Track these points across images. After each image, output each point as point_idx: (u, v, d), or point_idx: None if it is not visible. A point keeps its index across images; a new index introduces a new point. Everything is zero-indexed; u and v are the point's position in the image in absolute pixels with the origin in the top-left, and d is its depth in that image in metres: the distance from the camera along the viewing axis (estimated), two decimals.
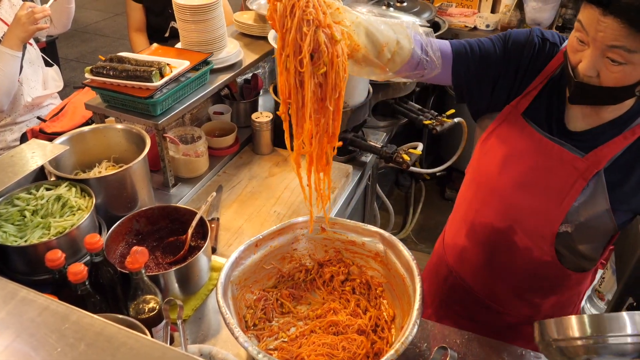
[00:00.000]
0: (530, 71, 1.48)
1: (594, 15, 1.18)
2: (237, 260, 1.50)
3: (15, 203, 1.63)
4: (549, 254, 1.50)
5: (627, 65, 1.19)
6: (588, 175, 1.38)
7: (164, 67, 2.02)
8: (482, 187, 1.63)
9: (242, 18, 2.80)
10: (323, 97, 1.19)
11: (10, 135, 2.65)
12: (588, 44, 1.23)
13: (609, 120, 1.38)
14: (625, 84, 1.23)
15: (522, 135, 1.48)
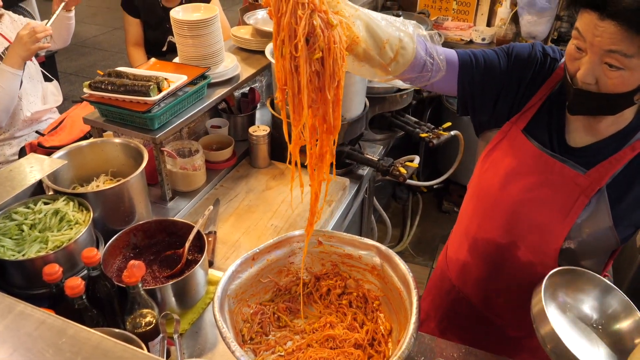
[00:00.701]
0: (532, 86, 1.49)
1: (592, 20, 1.20)
2: (234, 273, 1.50)
3: (13, 217, 1.64)
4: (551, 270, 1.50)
5: (625, 70, 1.20)
6: (590, 192, 1.38)
7: (161, 82, 2.04)
8: (484, 203, 1.64)
9: (239, 33, 2.83)
10: (322, 87, 1.18)
11: (9, 150, 2.66)
12: (586, 50, 1.25)
13: (609, 135, 1.39)
14: (624, 90, 1.24)
15: (523, 151, 1.49)
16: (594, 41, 1.20)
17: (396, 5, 4.33)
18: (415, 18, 3.79)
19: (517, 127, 1.51)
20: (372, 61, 1.30)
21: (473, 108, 1.57)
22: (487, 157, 1.59)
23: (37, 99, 2.79)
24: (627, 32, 1.15)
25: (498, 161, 1.56)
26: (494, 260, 1.65)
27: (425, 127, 3.00)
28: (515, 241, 1.55)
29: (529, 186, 1.48)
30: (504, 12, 3.95)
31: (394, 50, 1.30)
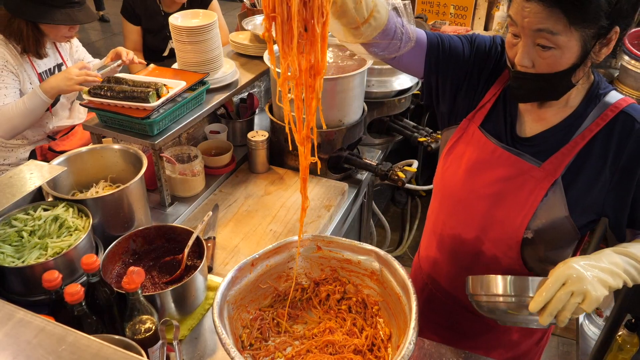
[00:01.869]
0: (490, 78, 1.54)
1: (520, 4, 1.25)
2: (233, 279, 1.51)
3: (13, 224, 1.64)
4: (517, 263, 1.52)
5: (555, 49, 1.25)
6: (546, 184, 1.42)
7: (160, 88, 2.04)
8: (448, 199, 1.67)
9: (237, 38, 2.84)
10: (309, 19, 1.14)
11: (23, 153, 2.67)
12: (520, 35, 1.30)
13: (556, 123, 1.43)
14: (558, 69, 1.29)
15: (481, 147, 1.53)
16: (524, 23, 1.25)
17: None
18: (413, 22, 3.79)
19: (474, 123, 1.55)
20: (346, 15, 1.26)
21: (437, 94, 1.61)
22: (448, 154, 1.63)
23: (65, 115, 2.82)
24: (550, 9, 1.20)
25: (458, 158, 1.59)
26: (460, 256, 1.68)
27: (423, 131, 3.01)
28: (479, 236, 1.58)
29: (488, 181, 1.52)
30: (501, 16, 3.97)
31: (369, 9, 1.28)
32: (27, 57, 2.53)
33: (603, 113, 1.38)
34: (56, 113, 2.73)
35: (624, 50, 3.20)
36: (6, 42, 2.46)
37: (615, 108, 1.37)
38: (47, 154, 2.53)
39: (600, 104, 1.39)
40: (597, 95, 1.40)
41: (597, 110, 1.39)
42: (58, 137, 2.67)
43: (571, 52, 1.25)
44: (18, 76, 2.49)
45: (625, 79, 3.27)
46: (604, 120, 1.37)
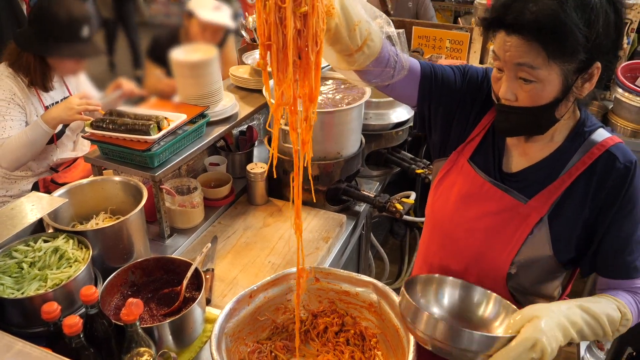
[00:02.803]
0: (482, 109, 1.56)
1: (502, 38, 1.29)
2: (231, 311, 1.51)
3: (14, 255, 1.65)
4: (504, 295, 1.52)
5: (537, 83, 1.28)
6: (531, 222, 1.43)
7: (161, 121, 2.07)
8: (438, 231, 1.68)
9: (237, 72, 2.88)
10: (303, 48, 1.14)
11: (26, 185, 2.69)
12: (503, 69, 1.33)
13: (541, 159, 1.45)
14: (541, 102, 1.31)
15: (469, 180, 1.55)
16: (505, 57, 1.29)
17: None
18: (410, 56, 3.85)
19: (463, 156, 1.58)
20: (340, 42, 1.28)
21: (429, 123, 1.63)
22: (438, 186, 1.65)
23: (69, 147, 2.85)
24: (530, 44, 1.23)
25: (447, 190, 1.61)
26: None
27: (421, 163, 3.04)
28: (467, 268, 1.59)
29: (475, 215, 1.53)
30: None
31: (363, 37, 1.29)
32: (35, 90, 2.57)
33: (589, 151, 1.40)
34: (61, 145, 2.76)
35: (617, 83, 3.24)
36: (15, 76, 2.50)
37: (602, 147, 1.39)
38: (49, 186, 2.55)
39: (586, 142, 1.41)
40: (582, 133, 1.42)
41: (583, 148, 1.41)
42: (60, 170, 2.69)
43: (552, 85, 1.28)
44: (25, 109, 2.53)
45: (619, 111, 3.32)
46: (590, 158, 1.39)
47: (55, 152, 2.73)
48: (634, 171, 1.37)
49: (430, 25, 4.40)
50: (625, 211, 1.38)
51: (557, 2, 1.20)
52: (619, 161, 1.36)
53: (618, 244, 1.41)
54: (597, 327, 1.31)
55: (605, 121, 3.42)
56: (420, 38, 4.39)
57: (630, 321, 1.38)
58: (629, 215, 1.39)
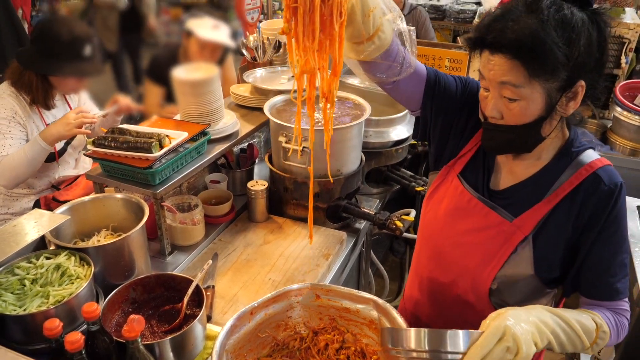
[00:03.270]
0: (477, 124, 1.57)
1: (486, 57, 1.33)
2: (232, 328, 1.51)
3: (16, 272, 1.66)
4: (488, 309, 1.50)
5: (520, 101, 1.31)
6: (515, 240, 1.45)
7: (163, 139, 2.09)
8: (427, 243, 1.71)
9: (238, 90, 2.91)
10: (327, 15, 1.14)
11: (27, 203, 2.71)
12: (489, 88, 1.36)
13: (528, 177, 1.47)
14: (525, 120, 1.34)
15: (458, 195, 1.58)
16: (490, 75, 1.32)
17: None
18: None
19: (454, 171, 1.61)
20: (352, 25, 1.28)
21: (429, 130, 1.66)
22: (429, 199, 1.68)
23: (71, 166, 2.87)
24: (511, 62, 1.27)
25: (437, 203, 1.64)
26: (439, 298, 1.71)
27: (420, 180, 3.05)
28: (454, 280, 1.61)
29: (462, 230, 1.56)
30: None
31: (376, 25, 1.30)
32: (37, 109, 2.60)
33: (577, 172, 1.41)
34: (63, 163, 2.78)
35: (616, 102, 3.27)
36: (17, 94, 2.53)
37: (590, 168, 1.40)
38: (50, 204, 2.56)
39: (574, 163, 1.43)
40: (570, 153, 1.44)
41: (571, 169, 1.43)
42: (62, 187, 2.70)
43: (536, 103, 1.31)
44: (26, 127, 2.55)
45: (618, 130, 3.34)
46: (577, 179, 1.40)
47: (57, 169, 2.75)
48: (618, 194, 1.38)
49: (429, 44, 4.44)
50: (608, 232, 1.39)
51: (537, 21, 1.24)
52: (604, 183, 1.38)
53: (600, 266, 1.42)
54: (572, 333, 1.30)
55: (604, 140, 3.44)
56: (419, 57, 4.40)
57: (608, 334, 1.37)
58: (612, 236, 1.40)
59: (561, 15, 1.25)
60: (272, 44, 3.15)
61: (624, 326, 1.43)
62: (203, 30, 2.81)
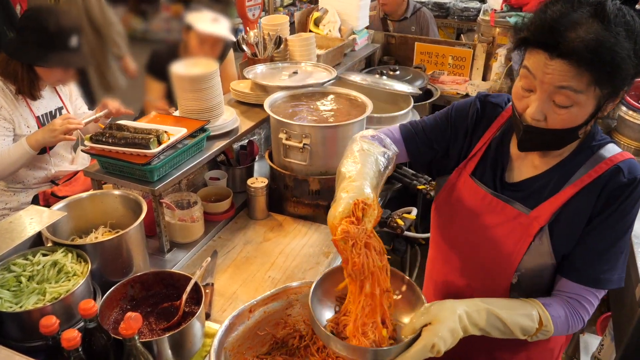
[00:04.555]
0: (476, 132, 1.59)
1: (541, 59, 1.25)
2: (230, 326, 1.50)
3: (12, 269, 1.64)
4: None
5: (573, 107, 1.26)
6: (532, 231, 1.43)
7: (161, 135, 2.07)
8: (442, 246, 1.69)
9: (238, 87, 2.88)
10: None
11: (25, 197, 2.70)
12: (534, 89, 1.30)
13: (547, 169, 1.46)
14: (572, 125, 1.30)
15: (472, 194, 1.56)
16: (545, 78, 1.25)
17: (393, 60, 4.43)
18: (412, 73, 3.87)
19: (465, 172, 1.59)
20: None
21: (426, 166, 1.71)
22: (441, 202, 1.67)
23: (67, 161, 2.86)
24: (577, 69, 1.20)
25: (450, 206, 1.62)
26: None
27: (422, 179, 3.03)
28: (470, 283, 1.60)
29: (478, 228, 1.54)
30: (498, 67, 4.03)
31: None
32: (25, 101, 2.59)
33: (597, 165, 1.39)
34: (56, 155, 2.76)
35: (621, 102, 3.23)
36: (3, 88, 2.52)
37: (610, 162, 1.38)
38: (49, 199, 2.55)
39: (594, 156, 1.41)
40: (591, 147, 1.41)
41: (590, 162, 1.40)
42: (60, 183, 2.69)
43: (586, 110, 1.27)
44: (13, 121, 2.55)
45: (623, 130, 3.30)
46: (597, 172, 1.38)
47: (50, 162, 2.73)
48: (635, 187, 1.36)
49: (432, 42, 4.42)
50: (611, 222, 1.38)
51: (608, 31, 1.18)
52: (624, 175, 1.36)
53: (593, 252, 1.41)
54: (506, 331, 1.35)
55: None
56: (422, 54, 4.40)
57: (551, 333, 1.39)
58: (614, 226, 1.38)
59: (627, 23, 1.21)
60: (272, 39, 3.12)
61: (579, 318, 1.43)
62: (202, 23, 2.80)
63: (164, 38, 3.81)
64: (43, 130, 2.49)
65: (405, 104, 3.17)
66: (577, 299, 1.43)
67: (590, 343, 3.20)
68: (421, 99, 3.57)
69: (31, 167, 2.69)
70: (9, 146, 2.51)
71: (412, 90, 3.20)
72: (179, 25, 3.23)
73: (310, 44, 3.24)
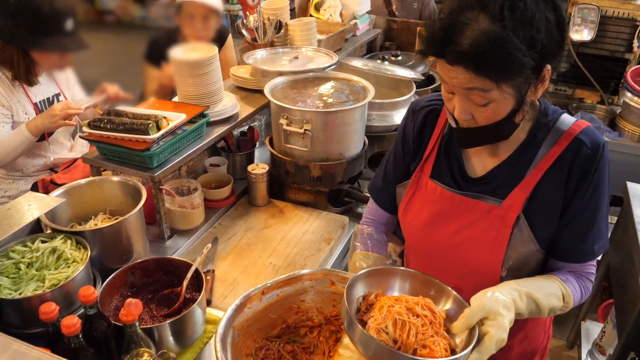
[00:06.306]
0: (422, 137, 1.58)
1: (444, 66, 1.24)
2: (241, 305, 1.47)
3: (11, 256, 1.63)
4: None
5: (491, 103, 1.25)
6: (509, 222, 1.41)
7: (160, 120, 2.05)
8: (420, 255, 1.65)
9: (238, 72, 2.86)
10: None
11: (24, 185, 2.69)
12: (454, 91, 1.30)
13: (506, 157, 1.44)
14: (499, 118, 1.29)
15: (437, 197, 1.53)
16: (454, 83, 1.25)
17: (394, 45, 4.39)
18: (414, 58, 3.84)
19: (424, 175, 1.56)
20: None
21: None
22: (406, 212, 1.62)
23: (65, 148, 2.84)
24: (475, 72, 1.19)
25: (417, 213, 1.58)
26: None
27: None
28: (458, 285, 1.50)
29: (454, 230, 1.50)
30: None
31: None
32: (21, 87, 2.57)
33: (557, 141, 1.38)
34: (55, 142, 2.74)
35: (626, 87, 3.20)
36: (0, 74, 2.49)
37: (569, 135, 1.37)
38: (48, 187, 2.54)
39: (552, 132, 1.39)
40: (546, 123, 1.40)
41: (550, 139, 1.39)
42: (60, 170, 2.67)
43: (506, 102, 1.26)
44: (10, 108, 2.52)
45: (627, 116, 3.27)
46: (559, 149, 1.37)
47: (49, 149, 2.71)
48: (601, 155, 1.35)
49: None
50: (590, 195, 1.38)
51: (493, 24, 1.16)
52: (587, 146, 1.35)
53: (581, 229, 1.41)
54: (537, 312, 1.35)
55: (612, 126, 3.38)
56: None
57: (569, 308, 1.42)
58: (593, 199, 1.38)
59: (517, 9, 1.16)
60: (272, 24, 3.09)
61: (587, 289, 1.46)
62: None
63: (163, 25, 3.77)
64: (42, 116, 2.47)
65: (407, 90, 3.14)
66: (582, 273, 1.45)
67: (591, 330, 3.20)
68: (423, 85, 3.54)
69: (30, 155, 2.67)
70: (9, 133, 2.48)
71: (415, 75, 3.17)
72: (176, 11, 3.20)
73: (310, 29, 3.21)
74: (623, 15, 3.44)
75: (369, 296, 1.40)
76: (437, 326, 1.29)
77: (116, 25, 4.33)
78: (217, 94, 2.43)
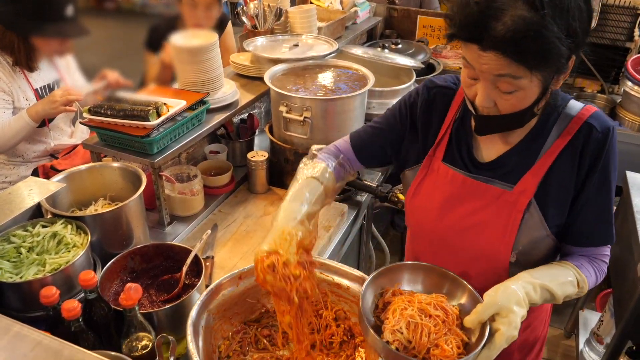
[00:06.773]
0: (432, 120, 1.56)
1: (474, 51, 1.22)
2: (216, 289, 1.50)
3: (12, 240, 1.64)
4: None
5: (518, 91, 1.24)
6: (521, 207, 1.41)
7: (160, 107, 2.05)
8: (426, 240, 1.65)
9: (238, 59, 2.86)
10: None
11: (25, 171, 2.70)
12: (477, 77, 1.29)
13: (516, 143, 1.44)
14: (522, 107, 1.29)
15: (449, 181, 1.52)
16: (482, 68, 1.23)
17: (395, 33, 4.39)
18: (414, 46, 3.83)
19: (436, 158, 1.56)
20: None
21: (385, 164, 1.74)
22: (415, 195, 1.61)
23: (66, 135, 2.85)
24: (509, 58, 1.18)
25: (427, 196, 1.57)
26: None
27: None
28: (466, 271, 1.53)
29: (464, 213, 1.50)
30: None
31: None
32: (22, 73, 2.57)
33: (568, 126, 1.38)
34: (55, 128, 2.74)
35: (627, 76, 3.20)
36: (0, 60, 2.49)
37: (579, 119, 1.38)
38: (49, 172, 2.54)
39: (562, 117, 1.40)
40: (555, 108, 1.40)
41: (560, 124, 1.40)
42: (60, 156, 2.68)
43: (533, 91, 1.26)
44: (11, 94, 2.53)
45: (628, 105, 3.28)
46: (569, 133, 1.38)
47: (49, 135, 2.72)
48: (610, 139, 1.36)
49: (435, 15, 4.38)
50: (602, 180, 1.39)
51: (534, 13, 1.14)
52: (597, 130, 1.36)
53: (597, 213, 1.41)
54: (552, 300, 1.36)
55: (612, 115, 3.38)
56: (425, 27, 4.37)
57: (584, 293, 1.42)
58: (605, 183, 1.39)
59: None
60: (273, 11, 3.09)
61: (602, 272, 1.47)
62: None
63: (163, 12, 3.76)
64: (43, 101, 2.47)
65: (407, 78, 3.14)
66: (597, 256, 1.46)
67: (589, 319, 3.22)
68: (423, 73, 3.54)
69: (31, 141, 2.68)
70: (9, 119, 2.49)
71: (415, 64, 3.17)
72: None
73: (311, 16, 3.21)
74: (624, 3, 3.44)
75: (386, 293, 1.42)
76: (449, 324, 1.31)
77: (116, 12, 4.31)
78: (217, 80, 2.43)
